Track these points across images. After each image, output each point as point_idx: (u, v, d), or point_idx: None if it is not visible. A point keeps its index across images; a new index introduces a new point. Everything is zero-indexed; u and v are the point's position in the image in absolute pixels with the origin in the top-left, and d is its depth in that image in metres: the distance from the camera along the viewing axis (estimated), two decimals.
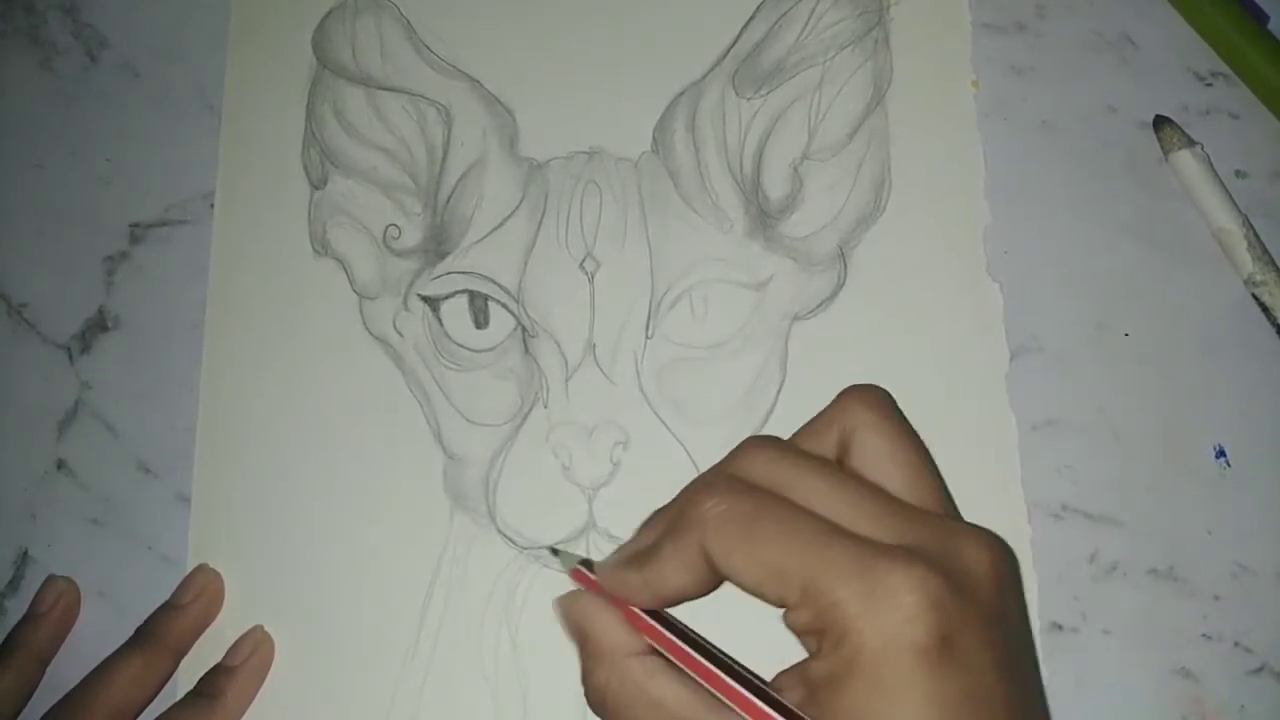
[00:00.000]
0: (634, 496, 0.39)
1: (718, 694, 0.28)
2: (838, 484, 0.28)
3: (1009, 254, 0.40)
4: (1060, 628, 0.37)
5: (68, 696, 0.37)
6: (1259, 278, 0.39)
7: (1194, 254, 0.40)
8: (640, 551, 0.30)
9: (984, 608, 0.26)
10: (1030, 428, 0.39)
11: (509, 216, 0.42)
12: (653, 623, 0.29)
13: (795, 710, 0.26)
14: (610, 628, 0.30)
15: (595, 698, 0.29)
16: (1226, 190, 0.40)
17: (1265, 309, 0.39)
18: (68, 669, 0.39)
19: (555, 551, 0.34)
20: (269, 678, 0.39)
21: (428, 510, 0.40)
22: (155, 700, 0.38)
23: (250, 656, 0.39)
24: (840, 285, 0.41)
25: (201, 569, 0.40)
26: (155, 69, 0.46)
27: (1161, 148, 0.41)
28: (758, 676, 0.28)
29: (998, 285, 0.40)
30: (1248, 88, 0.41)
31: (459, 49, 0.44)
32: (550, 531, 0.39)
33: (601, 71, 0.43)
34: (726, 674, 0.28)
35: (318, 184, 0.43)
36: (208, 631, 0.39)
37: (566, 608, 0.31)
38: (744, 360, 0.40)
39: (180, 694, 0.38)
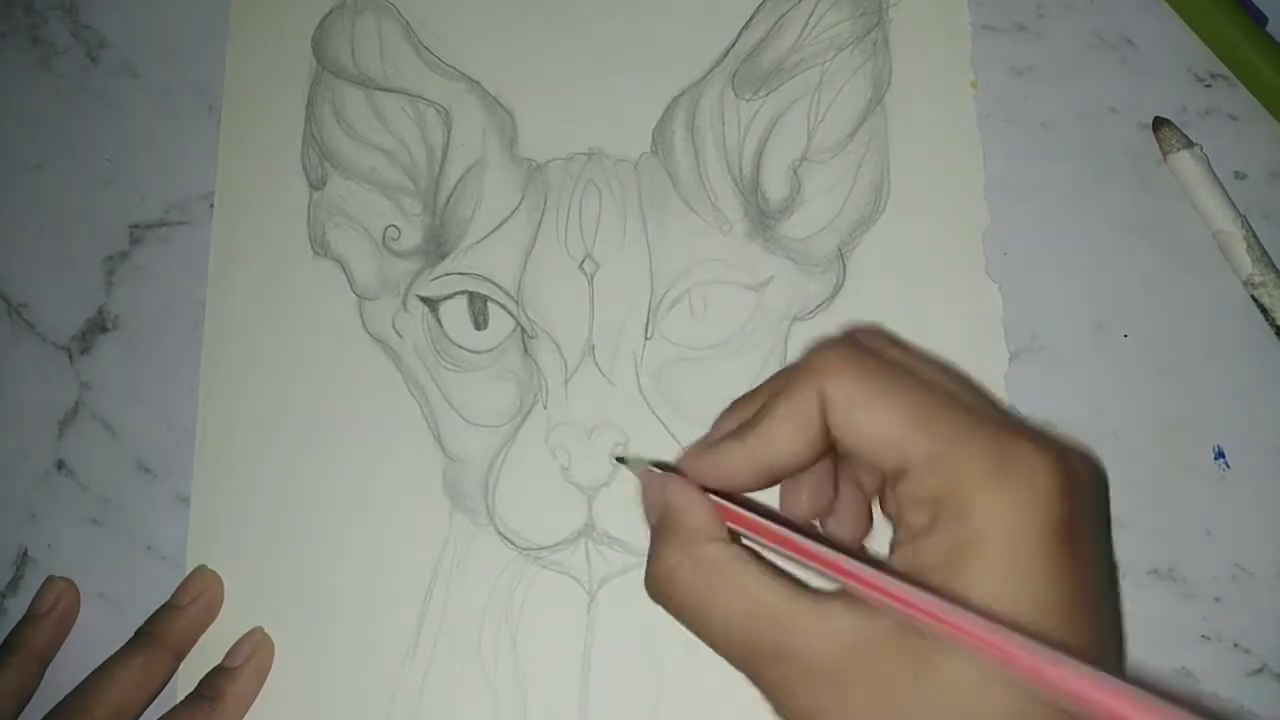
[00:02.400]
0: (633, 497, 0.39)
1: (827, 570, 0.26)
2: (948, 370, 0.28)
3: (1008, 255, 0.40)
4: None
5: (68, 698, 0.37)
6: (1258, 279, 0.39)
7: (1193, 255, 0.40)
8: (738, 426, 0.28)
9: (1095, 511, 0.26)
10: None
11: (508, 217, 0.42)
12: (741, 512, 0.27)
13: (916, 579, 0.24)
14: (695, 508, 0.28)
15: (662, 579, 0.28)
16: (1225, 191, 0.40)
17: (1264, 310, 0.39)
18: (68, 669, 0.39)
19: (623, 461, 0.33)
20: (269, 678, 0.39)
21: (427, 511, 0.40)
22: (155, 701, 0.38)
23: (250, 658, 0.39)
24: (839, 286, 0.41)
25: (201, 570, 0.40)
26: (155, 69, 0.46)
27: (1161, 149, 0.41)
28: (860, 555, 0.26)
29: (997, 286, 0.40)
30: (1247, 89, 0.41)
31: (459, 50, 0.44)
32: (549, 532, 0.39)
33: (601, 72, 0.43)
34: (832, 552, 0.26)
35: (317, 185, 0.43)
36: (207, 632, 0.39)
37: (651, 487, 0.29)
38: (743, 361, 0.40)
39: (180, 695, 0.38)
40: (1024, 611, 0.24)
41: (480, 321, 0.41)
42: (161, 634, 0.38)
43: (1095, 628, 0.25)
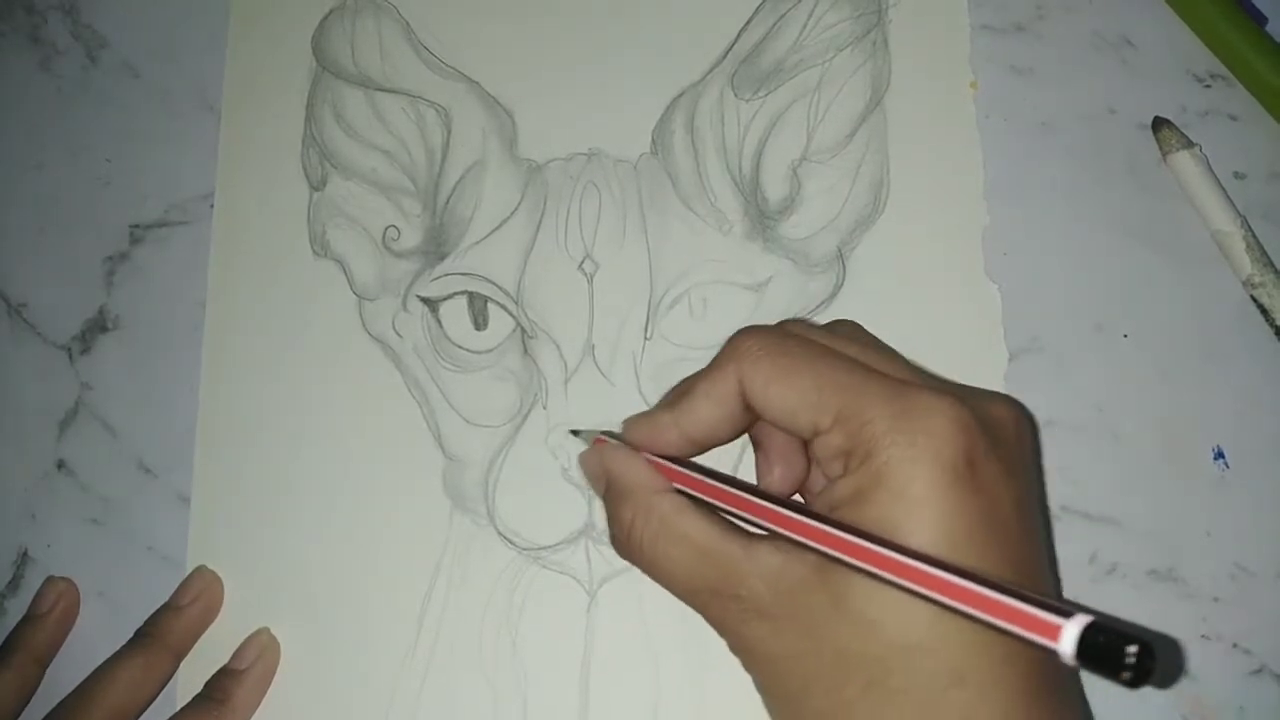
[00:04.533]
0: None
1: (748, 515, 0.29)
2: (868, 345, 0.31)
3: (1008, 255, 0.40)
4: None
5: (68, 698, 0.37)
6: (1257, 279, 0.39)
7: (1192, 255, 0.40)
8: (672, 397, 0.31)
9: (1007, 450, 0.28)
10: None
11: (508, 218, 0.42)
12: (675, 467, 0.31)
13: (822, 515, 0.27)
14: (634, 468, 0.31)
15: (621, 536, 0.31)
16: (1225, 192, 0.40)
17: (1264, 310, 0.39)
18: (67, 670, 0.39)
19: (577, 433, 0.36)
20: None
21: (427, 511, 0.40)
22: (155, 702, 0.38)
23: (257, 660, 0.39)
24: (839, 286, 0.41)
25: (201, 570, 0.40)
26: (155, 69, 0.46)
27: (1160, 149, 0.41)
28: (779, 498, 0.29)
29: (997, 286, 0.40)
30: (1246, 89, 0.41)
31: (458, 50, 0.44)
32: (549, 532, 0.39)
33: (601, 73, 0.43)
34: (751, 495, 0.29)
35: (317, 185, 0.43)
36: (208, 633, 0.39)
37: (588, 456, 0.33)
38: None
39: (180, 696, 0.38)
40: (925, 540, 0.26)
41: (480, 322, 0.41)
42: (161, 634, 0.38)
43: (1003, 555, 0.26)
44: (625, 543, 0.31)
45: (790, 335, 0.30)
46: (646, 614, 0.38)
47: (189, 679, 0.39)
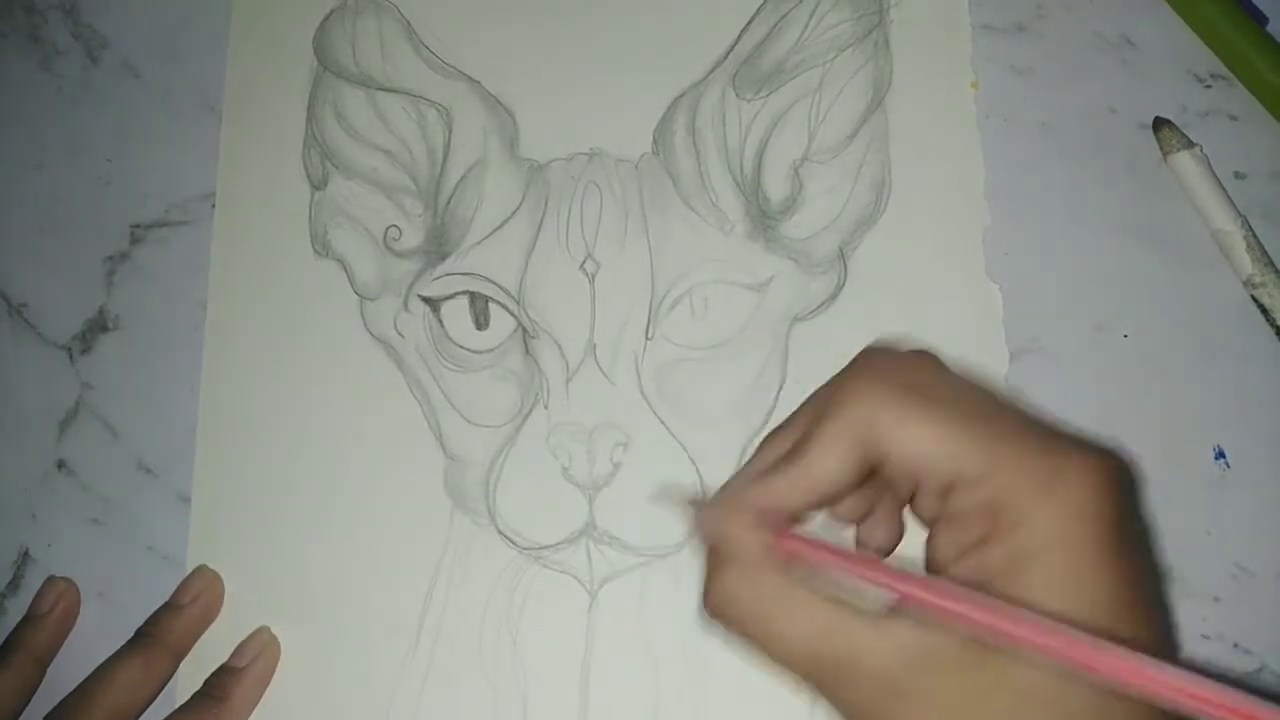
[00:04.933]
0: (634, 498, 0.39)
1: (895, 589, 0.26)
2: (986, 384, 0.28)
3: (1009, 255, 0.40)
4: None
5: (68, 698, 0.37)
6: (1258, 279, 0.39)
7: (1193, 255, 0.40)
8: (780, 457, 0.28)
9: (1135, 504, 0.27)
10: None
11: (509, 218, 0.42)
12: (799, 536, 0.27)
13: (971, 591, 0.25)
14: (749, 540, 0.28)
15: (722, 603, 0.28)
16: (1225, 192, 0.40)
17: (1264, 310, 0.39)
18: (68, 670, 0.39)
19: (668, 493, 0.34)
20: None
21: (428, 511, 0.40)
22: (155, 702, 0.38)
23: (257, 658, 0.39)
24: (840, 286, 0.41)
25: (201, 570, 0.40)
26: (155, 69, 0.46)
27: (1161, 149, 0.41)
28: (918, 573, 0.26)
29: (997, 287, 0.40)
30: (1247, 89, 0.41)
31: (459, 50, 0.44)
32: (550, 532, 0.39)
33: (602, 73, 0.43)
34: (899, 574, 0.26)
35: (318, 185, 0.43)
36: (209, 632, 0.39)
37: (706, 515, 0.29)
38: (744, 361, 0.40)
39: (179, 696, 0.38)
40: (1084, 614, 0.24)
41: (481, 321, 0.41)
42: (161, 634, 0.38)
43: (1148, 624, 0.25)
44: (726, 607, 0.28)
45: (905, 371, 0.27)
46: (647, 614, 0.38)
47: (189, 678, 0.39)
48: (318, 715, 0.39)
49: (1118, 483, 0.25)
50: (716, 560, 0.28)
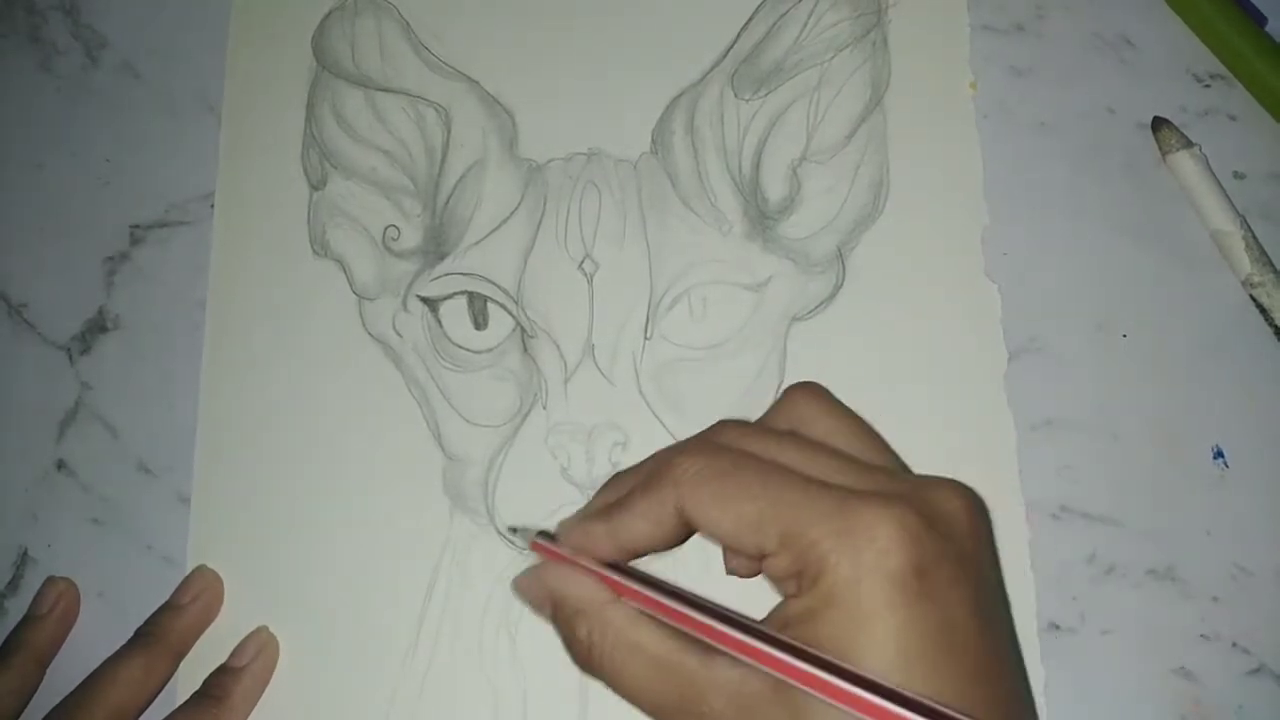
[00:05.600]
0: None
1: (694, 633, 0.28)
2: (807, 448, 0.29)
3: (1007, 255, 0.40)
4: (1058, 628, 0.37)
5: (68, 698, 0.37)
6: (1257, 279, 0.39)
7: (1192, 255, 0.40)
8: (606, 506, 0.30)
9: (958, 548, 0.27)
10: (1029, 428, 0.39)
11: (508, 218, 0.42)
12: (620, 579, 0.29)
13: (774, 634, 0.26)
14: (580, 583, 0.30)
15: (581, 653, 0.29)
16: (1224, 191, 0.40)
17: (1263, 310, 0.39)
18: (68, 670, 0.39)
19: (514, 530, 0.35)
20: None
21: (427, 511, 0.40)
22: (155, 701, 0.38)
23: (255, 658, 0.39)
24: (839, 286, 0.41)
25: (201, 570, 0.40)
26: (155, 70, 0.46)
27: (1160, 149, 0.41)
28: (731, 613, 0.28)
29: (996, 286, 0.40)
30: (1246, 89, 0.41)
31: (458, 50, 0.44)
32: None
33: (601, 73, 0.43)
34: (700, 613, 0.28)
35: (317, 185, 0.44)
36: (209, 632, 0.39)
37: (528, 581, 0.31)
38: (743, 361, 0.40)
39: (180, 695, 0.38)
40: (880, 658, 0.25)
41: (480, 321, 0.41)
42: (161, 634, 0.38)
43: (960, 666, 0.26)
44: (586, 658, 0.29)
45: (726, 452, 0.29)
46: None
47: (189, 678, 0.39)
48: (317, 715, 0.39)
49: (913, 529, 0.26)
50: (564, 616, 0.30)
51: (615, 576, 0.30)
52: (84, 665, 0.38)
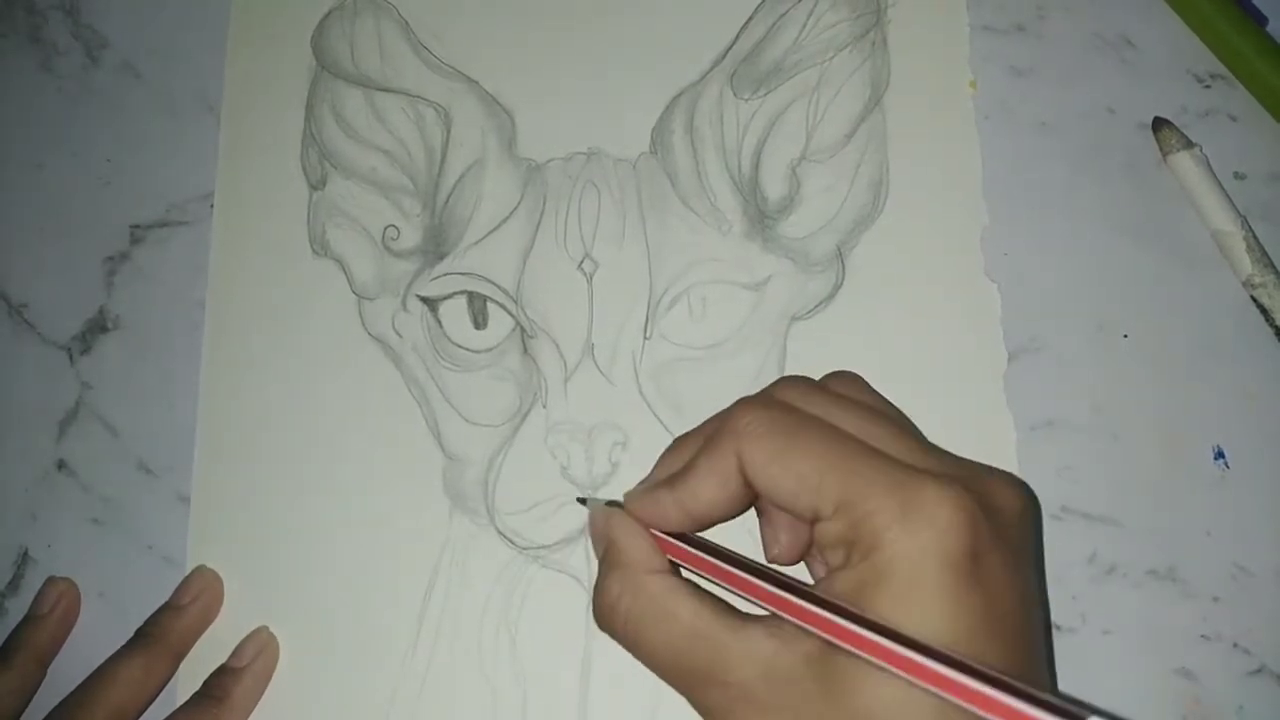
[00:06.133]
0: None
1: (749, 596, 0.28)
2: (870, 416, 0.29)
3: (1007, 255, 0.40)
4: (1059, 628, 0.37)
5: (68, 698, 0.37)
6: (1257, 279, 0.39)
7: (1193, 255, 0.40)
8: (671, 475, 0.30)
9: (1010, 539, 0.27)
10: (1029, 429, 0.39)
11: (507, 217, 0.42)
12: (676, 543, 0.30)
13: (832, 600, 0.26)
14: (635, 543, 0.30)
15: (605, 610, 0.30)
16: (1225, 192, 0.40)
17: (1264, 310, 0.39)
18: (68, 670, 0.39)
19: (583, 501, 0.35)
20: None
21: (427, 511, 0.40)
22: (155, 702, 0.38)
23: (256, 658, 0.39)
24: (838, 286, 0.41)
25: (201, 570, 0.40)
26: (155, 69, 0.46)
27: (1160, 149, 0.41)
28: (787, 578, 0.28)
29: (996, 286, 0.40)
30: (1247, 90, 0.41)
31: (458, 50, 0.44)
32: (549, 531, 0.39)
33: (600, 72, 0.43)
34: (758, 578, 0.28)
35: (317, 185, 0.44)
36: (208, 632, 0.39)
37: (597, 518, 0.32)
38: (742, 360, 0.40)
39: (180, 696, 0.38)
40: (928, 637, 0.25)
41: (480, 321, 0.41)
42: (161, 634, 0.38)
43: (1004, 651, 0.26)
44: (607, 615, 0.30)
45: (790, 410, 0.29)
46: None
47: (189, 678, 0.39)
48: (317, 715, 0.39)
49: (971, 513, 0.26)
50: (605, 564, 0.30)
51: (674, 542, 0.30)
52: (84, 665, 0.38)
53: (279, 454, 0.41)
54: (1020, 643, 0.27)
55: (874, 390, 0.33)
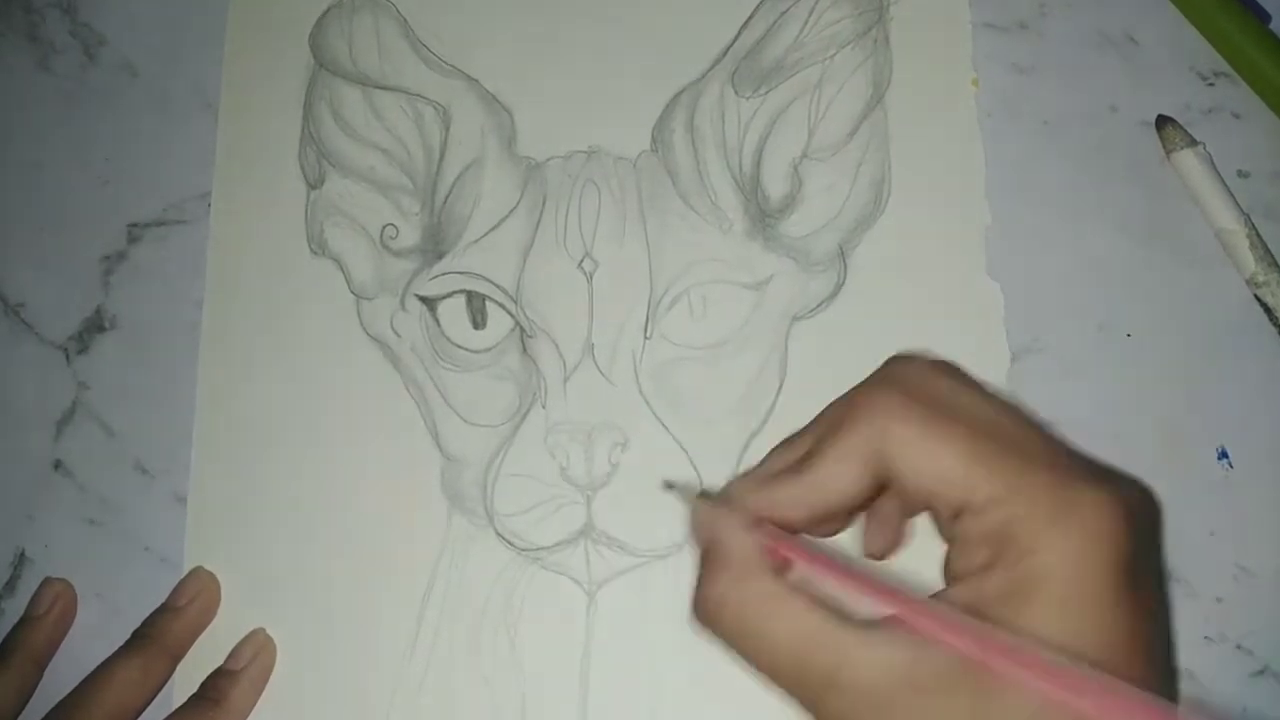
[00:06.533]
0: (633, 497, 0.39)
1: (885, 603, 0.26)
2: (1006, 408, 0.28)
3: (1010, 254, 0.40)
4: None
5: (65, 699, 0.37)
6: (1261, 278, 0.39)
7: (1196, 254, 0.40)
8: (788, 466, 0.28)
9: (1152, 542, 0.27)
10: None
11: (507, 216, 0.42)
12: (796, 544, 0.28)
13: (964, 615, 0.25)
14: (743, 544, 0.28)
15: (709, 608, 0.28)
16: (1229, 190, 0.40)
17: (1267, 309, 0.39)
18: (65, 671, 0.39)
19: (671, 486, 0.34)
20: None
21: (426, 511, 0.40)
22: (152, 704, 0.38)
23: (253, 660, 0.38)
24: (840, 285, 0.41)
25: (198, 571, 0.40)
26: (153, 68, 0.46)
27: (1163, 147, 0.41)
28: (910, 588, 0.26)
29: (998, 285, 0.40)
30: (1250, 87, 0.41)
31: (457, 48, 0.44)
32: (548, 533, 0.39)
33: (600, 70, 0.43)
34: (894, 589, 0.26)
35: (315, 184, 0.43)
36: (206, 634, 0.39)
37: (703, 514, 0.29)
38: (743, 360, 0.40)
39: (177, 697, 0.38)
40: (1083, 649, 0.24)
41: (479, 321, 0.41)
42: (159, 635, 0.38)
43: (1148, 664, 0.25)
44: (715, 611, 0.28)
45: (928, 396, 0.27)
46: (646, 616, 0.38)
47: (185, 680, 0.39)
48: (315, 717, 0.39)
49: (1132, 521, 0.25)
50: (709, 563, 0.28)
51: (790, 541, 0.28)
52: (81, 666, 0.38)
53: (276, 454, 0.41)
54: (1161, 652, 0.26)
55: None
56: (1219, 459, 0.38)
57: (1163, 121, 0.41)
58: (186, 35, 0.46)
